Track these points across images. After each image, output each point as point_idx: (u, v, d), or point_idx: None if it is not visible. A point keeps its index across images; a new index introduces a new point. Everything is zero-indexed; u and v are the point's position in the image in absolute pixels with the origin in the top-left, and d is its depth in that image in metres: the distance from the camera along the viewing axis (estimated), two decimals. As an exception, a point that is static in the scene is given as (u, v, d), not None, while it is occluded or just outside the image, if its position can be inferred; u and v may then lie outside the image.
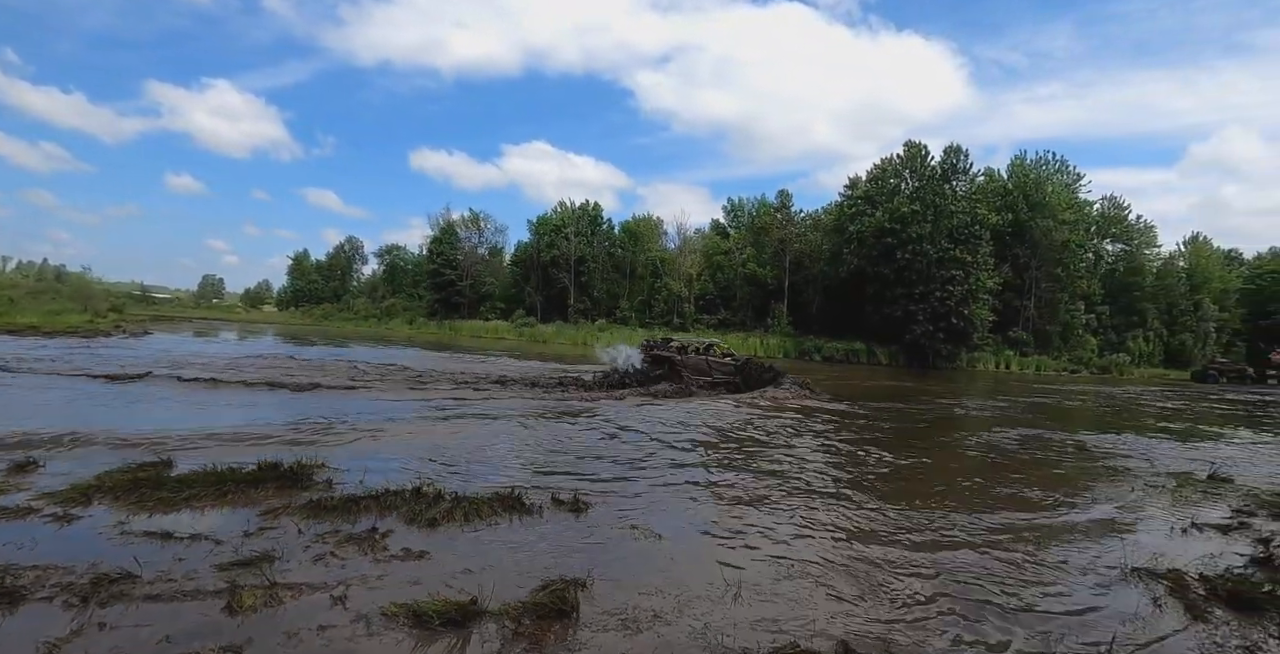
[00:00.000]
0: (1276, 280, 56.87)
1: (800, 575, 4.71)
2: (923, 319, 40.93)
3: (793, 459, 8.97)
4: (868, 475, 8.38)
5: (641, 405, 13.51)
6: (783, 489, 7.26)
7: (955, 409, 18.03)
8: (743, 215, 56.52)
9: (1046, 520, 6.64)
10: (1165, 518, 7.02)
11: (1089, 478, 9.12)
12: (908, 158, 43.84)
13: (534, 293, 57.96)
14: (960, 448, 11.20)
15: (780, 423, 12.22)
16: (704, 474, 7.85)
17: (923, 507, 6.87)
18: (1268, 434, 16.03)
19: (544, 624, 3.62)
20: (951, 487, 8.05)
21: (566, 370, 21.82)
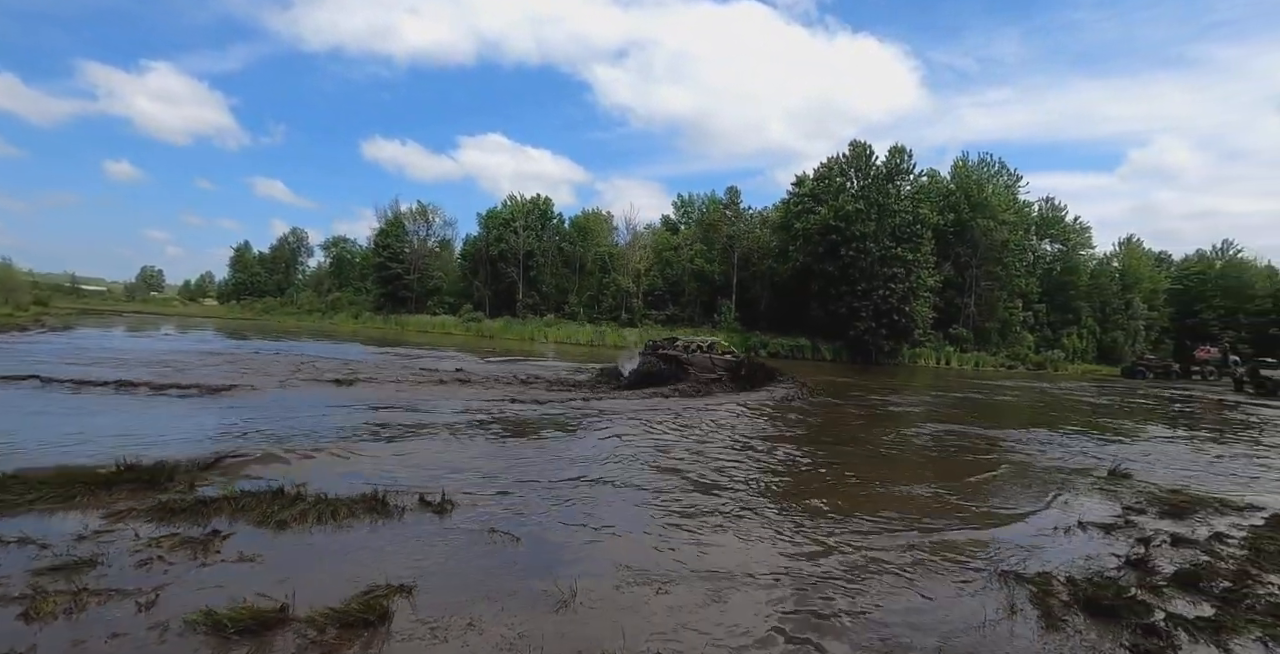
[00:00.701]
0: (1202, 281, 59.39)
1: (644, 582, 4.39)
2: (866, 316, 41.45)
3: (696, 456, 8.67)
4: (766, 472, 8.14)
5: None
6: (684, 489, 7.00)
7: (889, 406, 18.02)
8: (693, 211, 56.47)
9: (928, 521, 6.42)
10: (1053, 516, 6.87)
11: (989, 474, 9.02)
12: (853, 157, 44.26)
13: (482, 287, 56.95)
14: (874, 444, 11.01)
15: (712, 416, 12.04)
16: (609, 470, 7.54)
17: (798, 508, 6.59)
18: (1181, 430, 16.34)
19: (349, 633, 3.43)
20: (840, 482, 7.87)
21: (537, 372, 20.77)
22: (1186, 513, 7.14)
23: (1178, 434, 15.37)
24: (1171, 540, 5.97)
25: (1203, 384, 43.74)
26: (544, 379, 17.40)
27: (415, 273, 61.45)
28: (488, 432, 9.56)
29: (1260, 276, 60.61)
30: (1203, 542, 5.99)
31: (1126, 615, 4.19)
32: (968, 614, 4.22)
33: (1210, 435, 15.34)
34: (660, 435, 10.03)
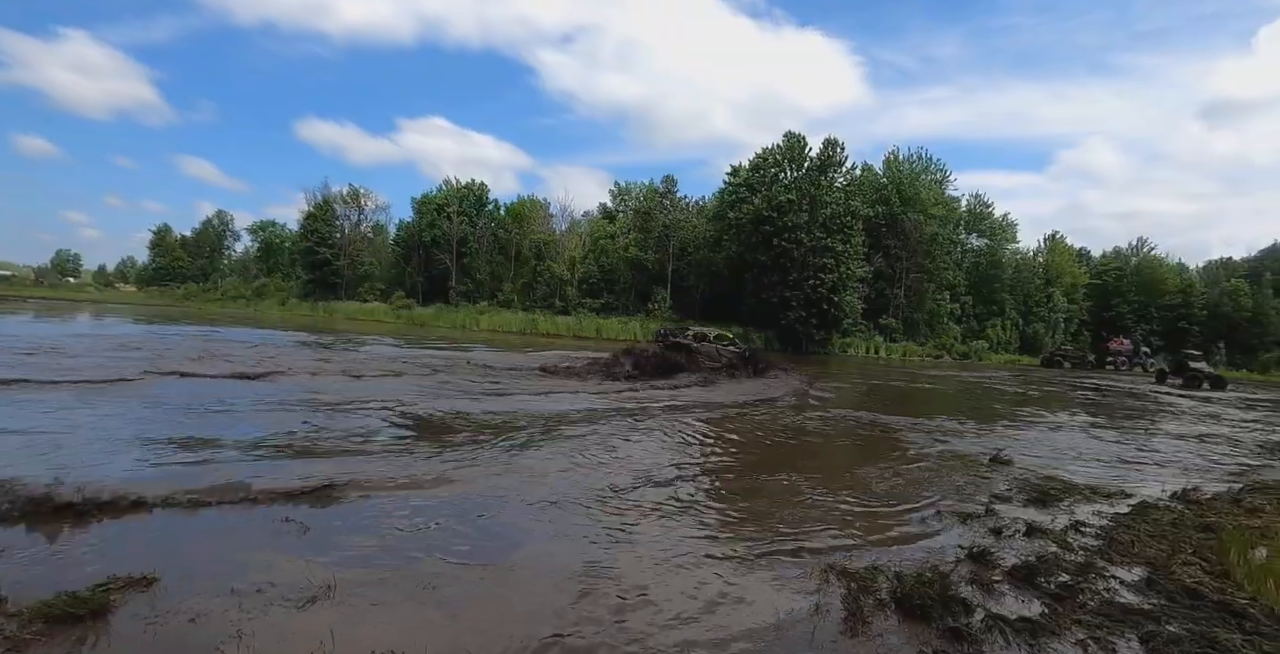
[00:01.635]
0: (1119, 276, 62.18)
1: (403, 579, 3.94)
2: (796, 305, 41.77)
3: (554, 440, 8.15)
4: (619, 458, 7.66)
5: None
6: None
7: (804, 393, 17.84)
8: (630, 199, 55.95)
9: (778, 509, 6.06)
10: (914, 504, 6.54)
11: (866, 461, 8.72)
12: (788, 148, 44.39)
13: (415, 274, 55.24)
14: (762, 430, 10.56)
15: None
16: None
17: (637, 499, 6.12)
18: (1082, 416, 16.59)
19: (52, 629, 3.12)
20: (704, 469, 7.50)
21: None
22: (1053, 501, 6.97)
23: (1073, 420, 15.55)
24: (1026, 530, 5.73)
25: (1115, 374, 45.75)
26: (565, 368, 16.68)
27: (345, 258, 59.21)
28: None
29: (1171, 273, 63.86)
30: (1057, 531, 5.76)
31: (941, 616, 3.82)
32: (766, 614, 3.81)
33: (1112, 423, 15.48)
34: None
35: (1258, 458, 11.74)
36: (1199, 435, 14.29)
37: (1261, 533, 6.00)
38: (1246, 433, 15.46)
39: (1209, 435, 14.44)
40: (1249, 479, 9.22)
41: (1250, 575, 4.69)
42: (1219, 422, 17.75)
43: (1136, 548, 5.41)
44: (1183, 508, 7.02)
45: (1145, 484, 8.43)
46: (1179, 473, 9.52)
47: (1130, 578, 4.72)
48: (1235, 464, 10.78)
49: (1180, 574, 4.73)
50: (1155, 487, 8.21)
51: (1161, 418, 17.80)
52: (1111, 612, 4.07)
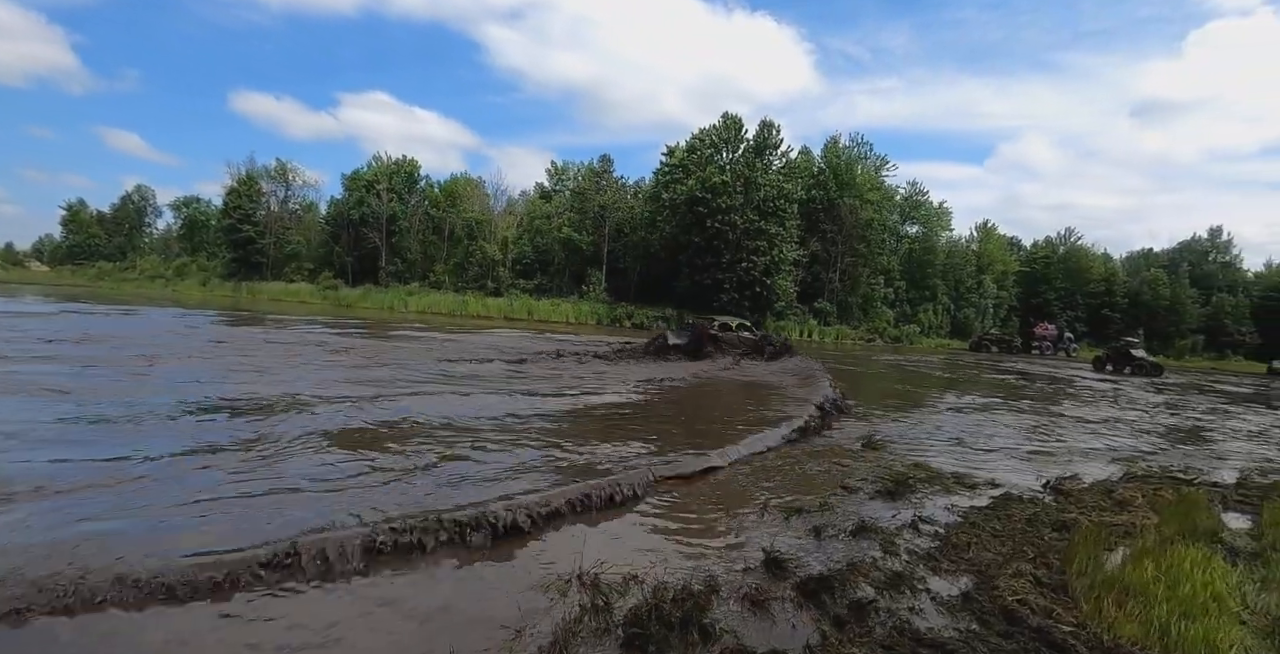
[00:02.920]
0: (1047, 264, 63.99)
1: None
2: (729, 287, 41.58)
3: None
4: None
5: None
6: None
7: (721, 373, 17.26)
8: (568, 179, 54.84)
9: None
10: (752, 497, 5.82)
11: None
12: (724, 129, 43.95)
13: (344, 254, 53.15)
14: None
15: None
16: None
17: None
18: (989, 399, 16.39)
19: None
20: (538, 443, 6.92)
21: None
22: (906, 492, 6.24)
23: (980, 403, 15.28)
24: (854, 529, 4.96)
25: (1040, 358, 47.03)
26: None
27: (271, 237, 56.66)
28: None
29: (1096, 262, 66.08)
30: (890, 531, 5.01)
31: (676, 648, 3.05)
32: (468, 628, 3.17)
33: (1018, 407, 15.22)
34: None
35: (1157, 442, 11.44)
36: (1104, 419, 14.06)
37: (1125, 531, 5.44)
38: (1153, 417, 15.37)
39: (1114, 419, 14.21)
40: (1136, 466, 8.78)
41: (1090, 589, 3.95)
42: (1128, 405, 17.72)
43: (971, 552, 4.70)
44: (1051, 500, 6.48)
45: (1021, 472, 7.84)
46: (1066, 459, 9.02)
47: (946, 593, 3.96)
48: (1131, 449, 10.42)
49: (1006, 589, 3.96)
50: (1032, 475, 7.67)
51: (1070, 401, 17.64)
52: (898, 642, 3.27)
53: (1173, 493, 6.87)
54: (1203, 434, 13.16)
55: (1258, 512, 6.48)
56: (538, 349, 18.49)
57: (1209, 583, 3.95)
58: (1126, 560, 4.51)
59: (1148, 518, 5.88)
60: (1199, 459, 10.01)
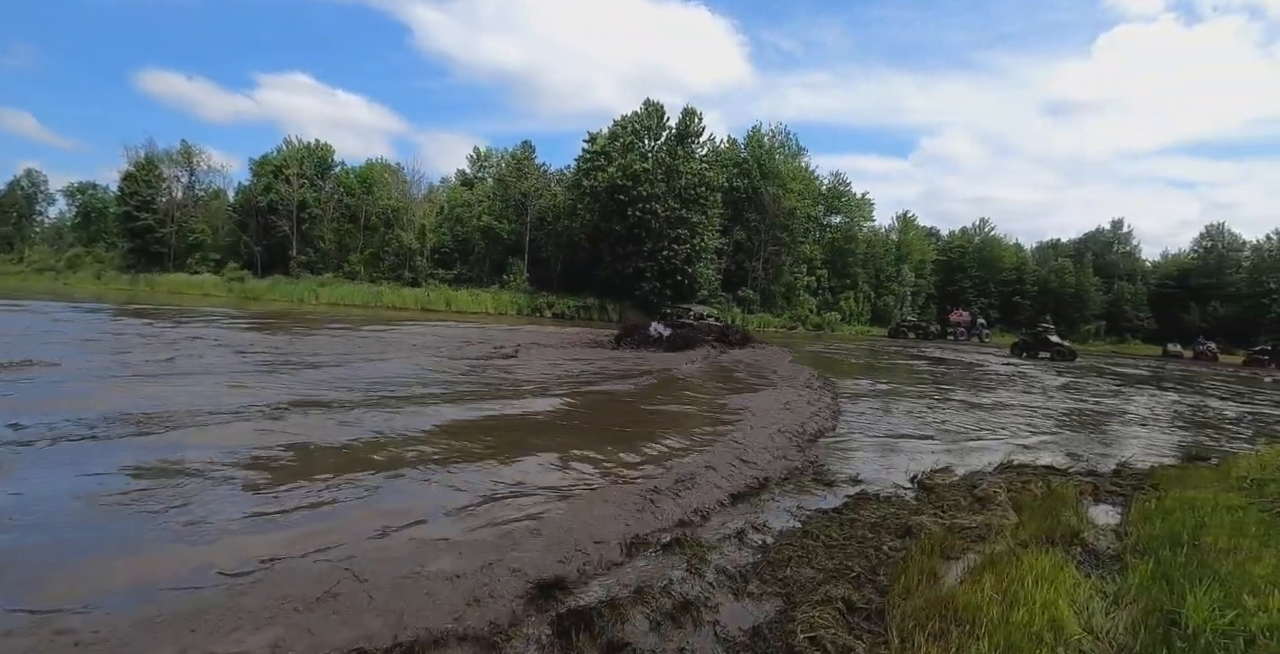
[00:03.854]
0: (962, 253, 66.44)
1: None
2: (650, 276, 41.39)
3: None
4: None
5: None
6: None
7: (630, 363, 16.81)
8: (491, 166, 53.54)
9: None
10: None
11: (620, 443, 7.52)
12: (646, 116, 43.56)
13: (252, 243, 50.51)
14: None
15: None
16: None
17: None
18: (895, 383, 16.44)
19: None
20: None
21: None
22: (751, 495, 5.77)
23: (876, 389, 15.22)
24: (670, 542, 4.38)
25: (955, 344, 48.71)
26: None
27: (172, 225, 53.32)
28: None
29: (1008, 252, 69.01)
30: (710, 543, 4.43)
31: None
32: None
33: (917, 392, 15.20)
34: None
35: (1048, 427, 11.26)
36: (996, 405, 13.94)
37: (979, 534, 4.82)
38: (1049, 400, 15.53)
39: (1008, 404, 14.12)
40: (1017, 455, 8.39)
41: (907, 618, 3.24)
42: (1026, 389, 18.00)
43: (790, 569, 4.08)
44: (912, 498, 6.02)
45: (891, 468, 7.30)
46: (946, 448, 8.65)
47: (737, 627, 3.37)
48: (1027, 433, 10.24)
49: (804, 621, 3.29)
50: (903, 468, 7.20)
51: (969, 386, 17.75)
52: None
53: (1043, 486, 6.45)
54: (1094, 417, 13.21)
55: (1129, 504, 6.12)
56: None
57: (1051, 603, 3.32)
58: (965, 575, 3.90)
59: (1005, 518, 5.36)
60: (1084, 445, 9.84)
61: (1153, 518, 5.17)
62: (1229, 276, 65.96)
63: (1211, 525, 4.73)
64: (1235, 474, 6.59)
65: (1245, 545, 4.31)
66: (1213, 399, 19.04)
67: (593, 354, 17.82)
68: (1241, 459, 7.22)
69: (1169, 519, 5.00)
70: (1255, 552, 4.17)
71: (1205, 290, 66.21)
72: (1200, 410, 15.90)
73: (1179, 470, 7.51)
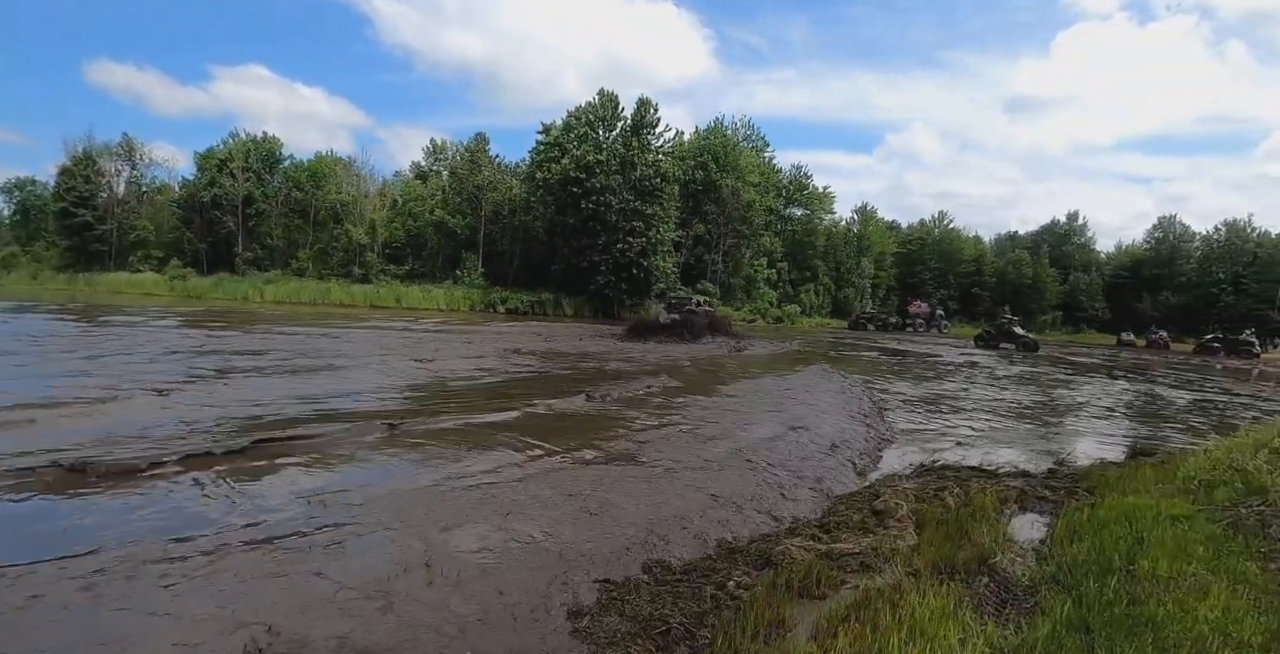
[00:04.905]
0: (922, 246, 67.00)
1: None
2: (606, 269, 40.76)
3: None
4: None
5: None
6: None
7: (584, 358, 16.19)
8: (447, 159, 52.42)
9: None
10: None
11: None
12: (600, 106, 42.88)
13: (196, 240, 48.82)
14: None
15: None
16: None
17: None
18: (842, 378, 15.90)
19: None
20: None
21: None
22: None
23: (819, 383, 14.72)
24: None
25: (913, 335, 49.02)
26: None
27: (113, 222, 51.30)
28: None
29: (967, 245, 69.79)
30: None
31: None
32: None
33: (863, 382, 14.68)
34: None
35: (990, 421, 10.77)
36: (940, 396, 13.58)
37: (861, 563, 4.08)
38: (1001, 391, 15.25)
39: (948, 396, 13.69)
40: (943, 455, 7.87)
41: None
42: (974, 380, 17.77)
43: (588, 620, 3.35)
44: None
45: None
46: (876, 445, 8.15)
47: None
48: (961, 429, 9.68)
49: None
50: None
51: (918, 377, 17.48)
52: None
53: (960, 494, 5.71)
54: (1040, 408, 12.84)
55: (1059, 514, 5.42)
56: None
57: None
58: (822, 624, 3.14)
59: (901, 539, 4.57)
60: (1024, 439, 9.37)
61: (1083, 533, 4.45)
62: (1180, 267, 67.51)
63: (1151, 543, 4.05)
64: (1182, 474, 5.97)
65: (1190, 572, 3.60)
66: (1163, 387, 19.07)
67: (606, 345, 18.76)
68: (1190, 456, 6.58)
69: (1101, 536, 4.28)
70: (1202, 581, 3.46)
71: (1157, 281, 67.70)
72: (1151, 400, 15.75)
73: (1120, 470, 6.84)
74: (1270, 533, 4.28)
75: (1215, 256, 66.11)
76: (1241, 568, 3.71)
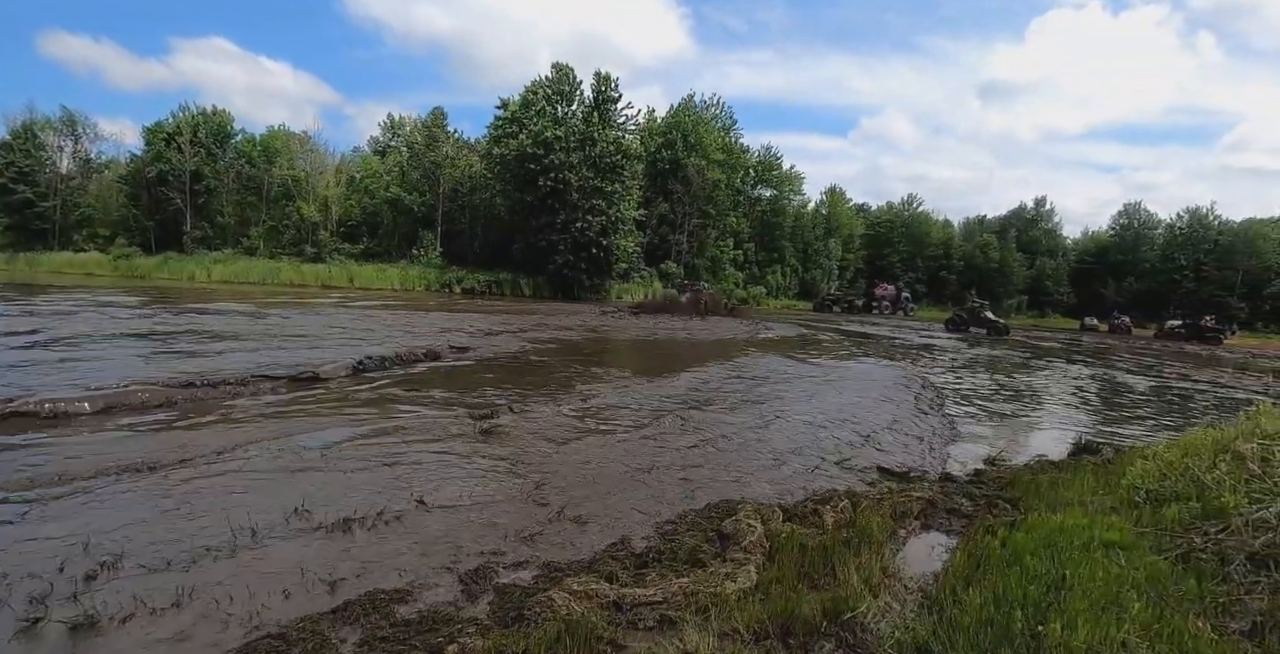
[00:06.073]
0: (890, 228, 66.88)
1: None
2: (564, 249, 39.89)
3: None
4: None
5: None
6: None
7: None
8: (405, 134, 51.00)
9: None
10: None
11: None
12: (557, 81, 41.72)
13: (143, 217, 47.09)
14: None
15: None
16: None
17: None
18: (780, 358, 15.35)
19: None
20: None
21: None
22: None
23: (763, 366, 13.94)
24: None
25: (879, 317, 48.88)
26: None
27: (55, 199, 49.29)
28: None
29: (936, 228, 69.80)
30: None
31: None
32: None
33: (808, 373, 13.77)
34: None
35: (933, 408, 9.74)
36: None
37: (661, 616, 2.93)
38: (957, 376, 14.63)
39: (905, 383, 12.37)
40: (850, 454, 6.56)
41: None
42: (935, 363, 17.39)
43: None
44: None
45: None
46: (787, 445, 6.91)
47: None
48: (892, 420, 8.58)
49: None
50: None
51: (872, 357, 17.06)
52: None
53: (847, 506, 4.62)
54: (991, 394, 12.04)
55: (968, 535, 4.22)
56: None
57: None
58: None
59: (733, 577, 3.31)
60: (960, 430, 8.33)
61: (988, 568, 3.40)
62: (1144, 254, 68.17)
63: (1075, 585, 3.03)
64: (1128, 482, 4.98)
65: (1118, 639, 2.53)
66: (1122, 372, 18.76)
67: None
68: (1138, 458, 5.59)
69: (1009, 575, 3.21)
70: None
71: (1121, 266, 68.36)
72: (1108, 385, 15.34)
73: (1056, 473, 5.90)
74: (1231, 573, 3.29)
75: (1178, 244, 66.81)
76: (1190, 632, 2.64)
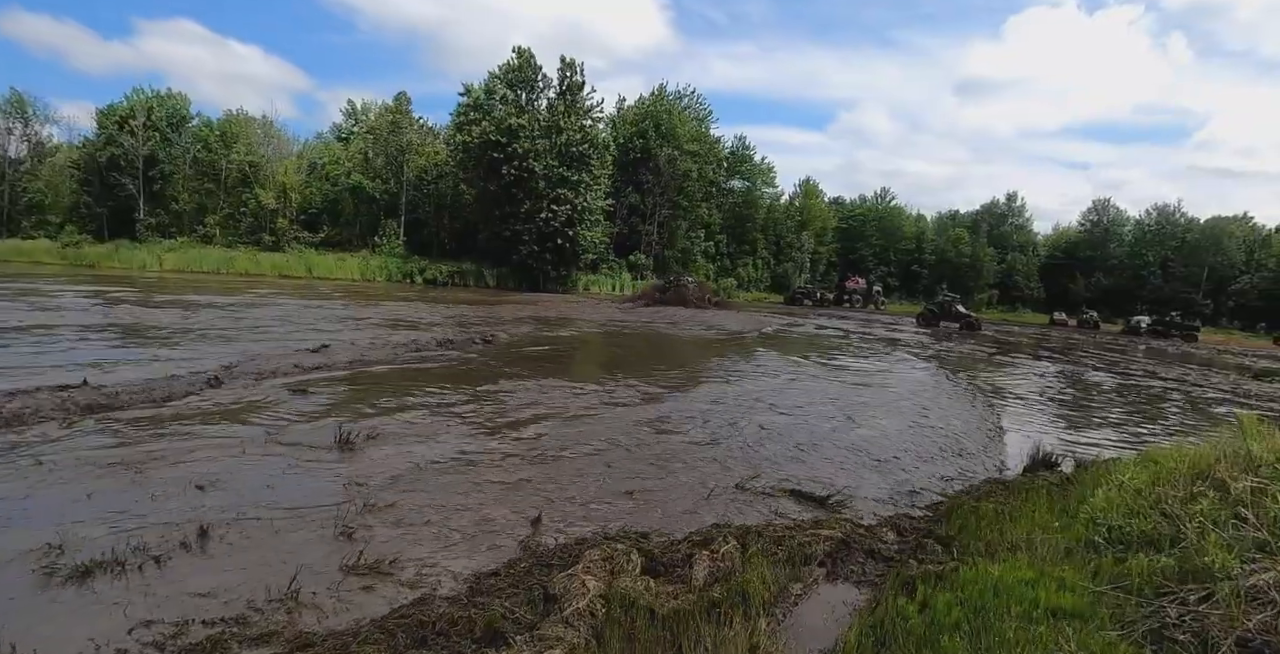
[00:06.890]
0: (863, 222, 66.87)
1: None
2: (529, 239, 39.15)
3: None
4: None
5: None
6: None
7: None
8: (368, 120, 49.75)
9: None
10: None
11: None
12: (519, 68, 40.76)
13: (94, 204, 45.52)
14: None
15: None
16: None
17: None
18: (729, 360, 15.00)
19: None
20: None
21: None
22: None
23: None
24: None
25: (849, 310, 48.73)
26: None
27: (4, 185, 47.52)
28: None
29: (908, 222, 69.92)
30: None
31: None
32: None
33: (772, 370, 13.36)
34: None
35: (877, 412, 8.89)
36: (825, 379, 11.81)
37: None
38: (906, 369, 14.34)
39: (852, 382, 11.87)
40: (761, 472, 5.70)
41: None
42: (885, 357, 17.02)
43: None
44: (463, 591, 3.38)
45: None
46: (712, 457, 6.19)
47: None
48: (828, 418, 8.00)
49: None
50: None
51: (823, 353, 16.65)
52: None
53: (732, 550, 3.73)
54: (948, 396, 11.18)
55: (879, 593, 3.36)
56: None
57: None
58: None
59: None
60: (902, 441, 7.49)
61: (898, 649, 2.60)
62: (1112, 250, 68.83)
63: None
64: (1086, 514, 4.13)
65: None
66: (1089, 369, 18.66)
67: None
68: (1101, 479, 4.73)
69: None
70: None
71: (1091, 262, 68.98)
72: (1075, 384, 15.10)
73: (1005, 499, 4.98)
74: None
75: (1146, 240, 67.57)
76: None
